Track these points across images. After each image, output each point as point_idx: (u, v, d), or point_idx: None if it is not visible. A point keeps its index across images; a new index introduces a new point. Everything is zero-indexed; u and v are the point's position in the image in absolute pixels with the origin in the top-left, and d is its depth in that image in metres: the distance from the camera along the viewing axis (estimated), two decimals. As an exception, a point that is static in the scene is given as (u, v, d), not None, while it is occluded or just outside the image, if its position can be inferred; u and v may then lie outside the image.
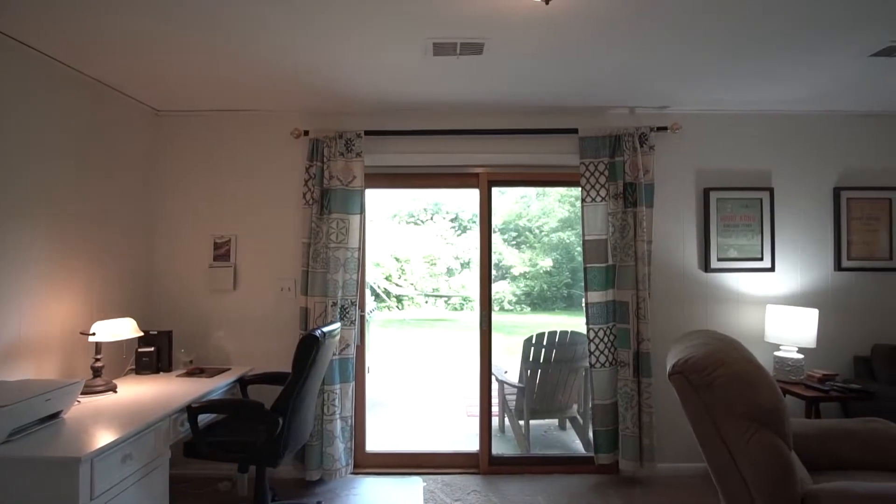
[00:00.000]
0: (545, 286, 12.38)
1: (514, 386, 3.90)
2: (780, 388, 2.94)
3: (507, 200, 12.75)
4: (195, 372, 2.91)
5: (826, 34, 2.26)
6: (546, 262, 12.29)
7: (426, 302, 12.55)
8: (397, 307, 11.82)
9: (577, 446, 3.89)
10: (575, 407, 3.98)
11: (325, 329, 2.48)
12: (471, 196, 3.32)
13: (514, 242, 12.81)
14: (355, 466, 3.27)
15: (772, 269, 3.33)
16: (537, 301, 12.47)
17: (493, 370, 4.06)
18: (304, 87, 2.89)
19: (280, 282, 3.29)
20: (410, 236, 12.93)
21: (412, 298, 12.38)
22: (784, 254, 3.35)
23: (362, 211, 3.21)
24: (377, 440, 3.94)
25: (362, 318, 3.37)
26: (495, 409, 4.27)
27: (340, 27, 2.18)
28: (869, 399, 2.85)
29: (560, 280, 12.17)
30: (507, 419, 4.18)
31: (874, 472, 2.22)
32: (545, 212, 12.47)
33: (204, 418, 2.52)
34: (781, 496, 1.74)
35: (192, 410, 2.31)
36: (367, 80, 2.79)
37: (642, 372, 3.07)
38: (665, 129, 3.22)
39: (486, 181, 3.37)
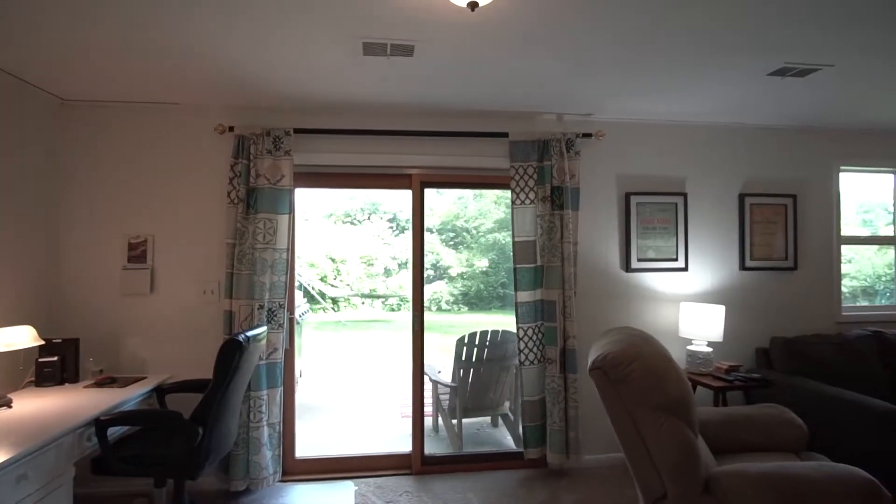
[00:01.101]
0: (482, 286, 12.57)
1: (447, 385, 3.94)
2: (692, 380, 3.18)
3: (444, 201, 12.83)
4: (106, 382, 2.71)
5: (728, 55, 2.46)
6: (483, 263, 12.49)
7: (363, 303, 12.38)
8: (332, 309, 11.57)
9: (509, 442, 3.99)
10: (507, 404, 4.07)
11: (250, 333, 2.39)
12: (407, 196, 3.32)
13: (451, 243, 12.92)
14: (284, 474, 3.18)
15: (685, 269, 3.57)
16: (474, 301, 12.64)
17: (427, 370, 4.07)
18: (229, 81, 2.77)
19: (202, 284, 3.13)
20: (347, 236, 12.71)
21: (348, 300, 12.17)
22: (696, 255, 3.61)
23: (291, 211, 3.12)
24: (309, 446, 3.85)
25: (291, 320, 3.27)
26: (429, 409, 4.30)
27: (268, 22, 2.11)
28: (767, 387, 3.12)
29: (496, 280, 12.40)
30: (440, 419, 4.21)
31: (770, 453, 2.44)
32: (482, 213, 12.67)
33: (115, 431, 2.36)
34: (687, 479, 1.87)
35: (100, 423, 2.15)
36: (297, 78, 2.72)
37: (568, 368, 3.19)
38: (590, 135, 3.37)
39: (418, 182, 3.38)
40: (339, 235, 12.63)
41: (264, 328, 2.69)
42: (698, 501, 1.88)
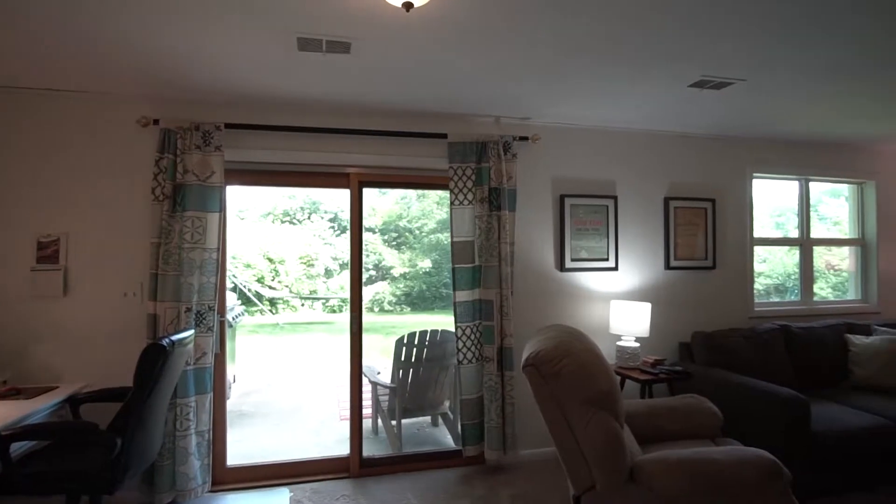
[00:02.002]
0: (424, 286, 12.59)
1: (386, 386, 3.92)
2: (621, 374, 3.33)
3: (387, 201, 12.75)
4: (10, 393, 2.49)
5: (652, 66, 2.60)
6: (426, 263, 12.51)
7: (302, 305, 12.06)
8: (270, 311, 11.19)
9: (449, 441, 4.02)
10: (447, 403, 4.10)
11: (176, 337, 2.28)
12: (347, 196, 3.27)
13: (394, 243, 12.84)
14: (214, 484, 3.04)
15: (615, 268, 3.74)
16: (417, 301, 12.63)
17: (367, 371, 4.03)
18: (154, 71, 2.62)
19: (123, 286, 2.95)
20: (286, 236, 12.34)
21: (287, 301, 11.81)
22: (625, 255, 3.79)
23: (222, 209, 2.99)
24: (243, 454, 3.71)
25: (222, 323, 3.14)
26: (369, 411, 4.26)
27: (198, 12, 2.01)
28: (688, 378, 3.32)
29: (439, 280, 12.46)
30: (380, 420, 4.18)
31: (690, 440, 2.60)
32: (425, 213, 12.69)
33: (21, 447, 2.17)
34: (614, 468, 1.96)
35: (2, 439, 1.97)
36: (228, 70, 2.61)
37: (505, 366, 3.26)
38: (527, 138, 3.46)
39: (356, 182, 3.34)
40: (278, 235, 12.25)
41: (191, 332, 2.56)
42: (624, 488, 1.98)
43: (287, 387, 6.03)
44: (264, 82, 2.78)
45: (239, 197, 11.63)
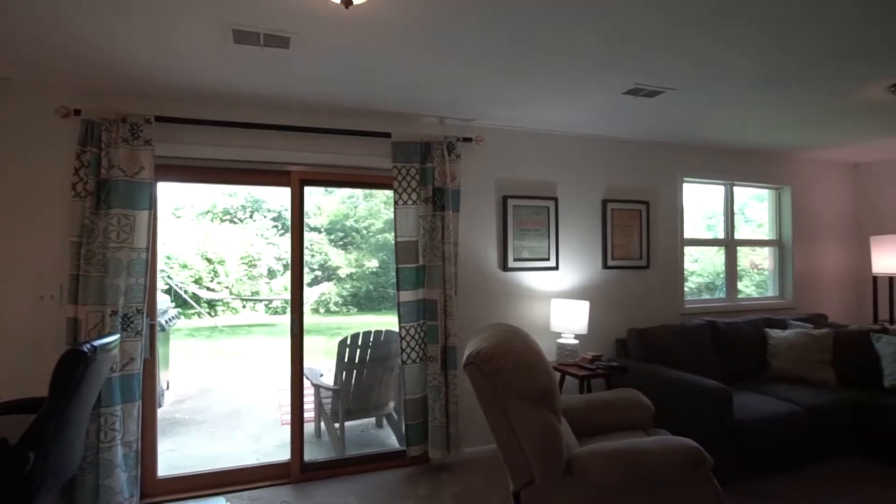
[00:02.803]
0: (371, 287, 12.46)
1: (329, 389, 3.85)
2: (561, 370, 3.43)
3: (334, 200, 12.51)
4: None
5: (589, 73, 2.69)
6: (373, 263, 12.38)
7: (244, 307, 11.63)
8: (209, 313, 10.72)
9: (393, 442, 4.00)
10: (391, 404, 4.08)
11: (99, 342, 2.14)
12: (290, 194, 3.18)
13: (341, 243, 12.63)
14: (143, 496, 2.88)
15: (556, 268, 3.85)
16: (364, 302, 12.48)
17: (309, 374, 3.95)
18: (77, 58, 2.44)
19: (39, 288, 2.73)
20: (226, 235, 11.85)
21: (227, 303, 11.35)
22: (565, 254, 3.91)
23: (152, 206, 2.84)
24: (177, 464, 3.53)
25: (153, 327, 2.98)
26: (312, 414, 4.17)
27: (116, -5, 1.90)
28: (624, 373, 3.47)
29: (387, 280, 12.36)
30: (323, 423, 4.10)
31: (624, 432, 2.71)
32: (372, 213, 12.55)
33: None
34: (551, 462, 2.02)
35: None
36: (159, 60, 2.48)
37: (449, 365, 3.28)
38: (470, 139, 3.50)
39: (297, 180, 3.26)
40: (218, 234, 11.75)
41: (117, 336, 2.41)
42: (561, 481, 2.04)
43: (225, 392, 5.80)
44: (199, 74, 2.66)
45: (174, 194, 11.07)
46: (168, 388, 5.55)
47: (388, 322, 10.89)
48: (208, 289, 10.95)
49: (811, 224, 4.98)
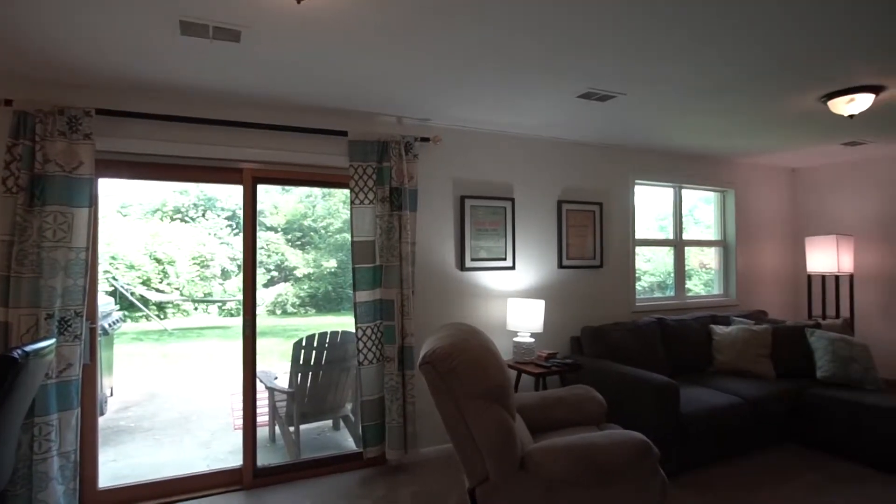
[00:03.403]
0: (330, 287, 12.26)
1: (283, 392, 3.76)
2: (518, 368, 3.47)
3: (291, 199, 12.25)
4: None
5: (544, 76, 2.74)
6: (331, 263, 12.19)
7: (195, 309, 11.22)
8: (158, 316, 10.27)
9: (350, 444, 3.95)
10: (348, 406, 4.03)
11: (31, 347, 2.01)
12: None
13: (298, 243, 12.38)
14: (83, 509, 2.74)
15: (513, 267, 3.90)
16: (322, 302, 12.27)
17: (263, 377, 3.86)
18: (4, 45, 2.29)
19: (-35, 291, 2.55)
20: (177, 235, 11.40)
21: (177, 305, 10.92)
22: (522, 254, 3.97)
23: (93, 204, 2.70)
24: (120, 474, 3.37)
25: (94, 330, 2.84)
26: (266, 418, 4.07)
27: (49, -21, 1.79)
28: (578, 370, 3.55)
29: (345, 281, 12.19)
30: (277, 427, 4.01)
31: (577, 427, 2.78)
32: (330, 212, 12.36)
33: None
34: (505, 458, 2.05)
35: None
36: (100, 50, 2.35)
37: (406, 365, 3.27)
38: (428, 139, 3.50)
39: (250, 177, 3.18)
40: (168, 234, 11.29)
41: (52, 341, 2.27)
42: (515, 477, 2.07)
43: (174, 398, 5.58)
44: (145, 67, 2.55)
45: (120, 191, 10.57)
46: (112, 394, 5.30)
47: (347, 323, 10.74)
48: (157, 290, 10.51)
49: (753, 225, 5.25)
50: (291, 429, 3.72)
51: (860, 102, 2.95)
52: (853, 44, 2.36)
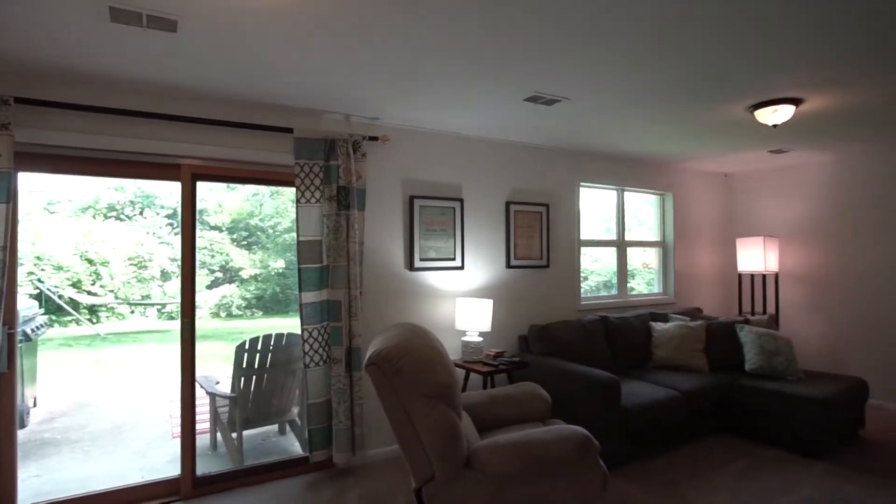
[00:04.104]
0: (278, 288, 11.93)
1: (225, 397, 3.63)
2: (466, 367, 3.50)
3: (237, 197, 11.82)
4: None
5: (491, 79, 2.78)
6: (279, 264, 11.86)
7: (132, 312, 10.63)
8: (90, 320, 9.66)
9: (297, 448, 3.86)
10: (295, 410, 3.93)
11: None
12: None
13: (244, 243, 11.97)
14: (-1, 529, 2.54)
15: (461, 267, 3.93)
16: (270, 304, 11.92)
17: (203, 382, 3.72)
18: None
19: None
20: (111, 234, 10.76)
21: (112, 308, 10.31)
22: (471, 254, 4.00)
23: (11, 199, 2.51)
24: (42, 490, 3.15)
25: (12, 336, 2.63)
26: (207, 425, 3.91)
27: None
28: (525, 368, 3.62)
29: (294, 282, 11.87)
30: (219, 434, 3.86)
31: (523, 424, 2.83)
32: (278, 211, 12.02)
33: None
34: (451, 457, 2.06)
35: None
36: (19, 34, 2.19)
37: (354, 367, 3.23)
38: (376, 138, 3.47)
39: (189, 174, 3.04)
40: (101, 232, 10.64)
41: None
42: (461, 475, 2.09)
43: (106, 406, 5.27)
44: (71, 54, 2.39)
45: (47, 186, 9.87)
46: (35, 405, 4.94)
47: (295, 325, 10.47)
48: (89, 293, 9.88)
49: (690, 227, 5.53)
50: (234, 435, 3.59)
51: (782, 113, 3.16)
52: (775, 60, 2.53)
